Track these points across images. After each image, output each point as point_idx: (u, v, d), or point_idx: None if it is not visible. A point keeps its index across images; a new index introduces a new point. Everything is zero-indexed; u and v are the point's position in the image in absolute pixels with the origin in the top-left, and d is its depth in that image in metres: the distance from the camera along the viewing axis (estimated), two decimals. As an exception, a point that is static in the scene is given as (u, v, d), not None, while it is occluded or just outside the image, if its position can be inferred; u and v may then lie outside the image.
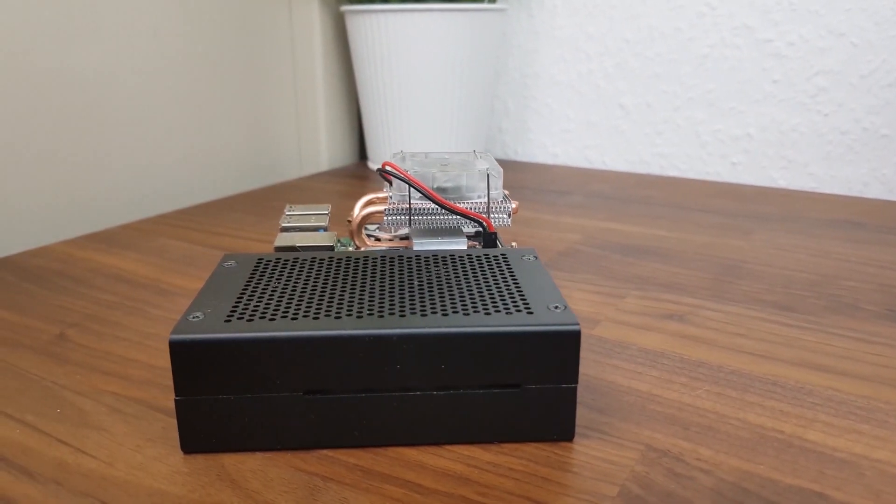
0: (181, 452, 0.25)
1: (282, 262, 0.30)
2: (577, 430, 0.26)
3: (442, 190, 0.35)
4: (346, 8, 0.68)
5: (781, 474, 0.24)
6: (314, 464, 0.24)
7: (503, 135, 0.79)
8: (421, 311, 0.25)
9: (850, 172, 0.63)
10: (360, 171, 0.73)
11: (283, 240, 0.35)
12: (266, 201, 0.60)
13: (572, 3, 0.71)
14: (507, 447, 0.25)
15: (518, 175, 0.70)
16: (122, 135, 0.56)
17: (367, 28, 0.66)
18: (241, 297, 0.27)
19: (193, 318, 0.25)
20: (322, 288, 0.27)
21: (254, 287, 0.28)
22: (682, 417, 0.27)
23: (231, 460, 0.25)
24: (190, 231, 0.51)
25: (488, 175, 0.35)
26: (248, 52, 0.66)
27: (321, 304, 0.26)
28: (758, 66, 0.64)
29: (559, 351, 0.24)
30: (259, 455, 0.25)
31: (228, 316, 0.25)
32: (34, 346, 0.33)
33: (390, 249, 0.32)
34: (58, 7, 0.51)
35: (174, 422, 0.27)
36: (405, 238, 0.37)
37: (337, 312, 0.25)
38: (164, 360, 0.32)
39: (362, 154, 0.80)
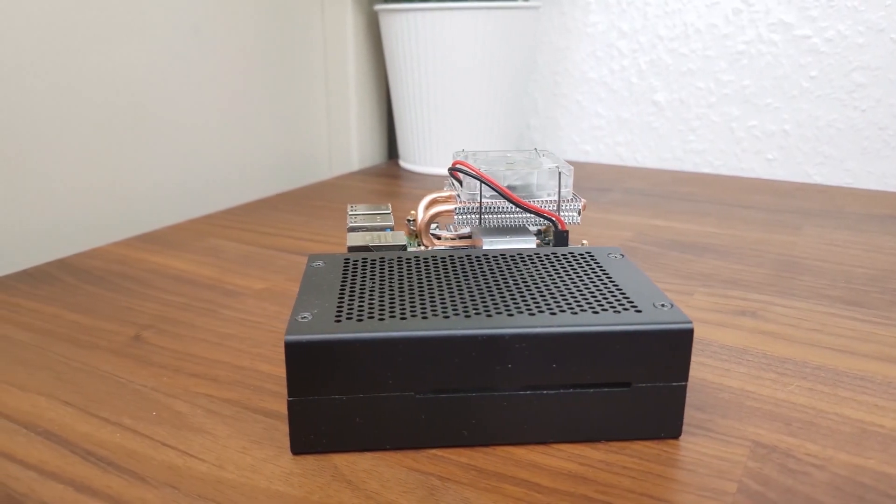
0: (289, 453, 0.25)
1: (370, 261, 0.30)
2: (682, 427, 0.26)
3: (512, 188, 0.35)
4: (379, 7, 0.67)
5: (894, 468, 0.24)
6: (426, 463, 0.24)
7: (532, 131, 0.79)
8: (528, 310, 0.25)
9: (886, 167, 0.63)
10: (391, 171, 0.73)
11: (355, 239, 0.35)
12: (306, 200, 0.60)
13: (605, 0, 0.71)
14: (615, 445, 0.25)
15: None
16: (162, 135, 0.56)
17: (400, 26, 0.65)
18: (343, 298, 0.26)
19: (302, 318, 0.25)
20: (419, 287, 0.27)
21: (351, 287, 0.28)
22: (781, 413, 0.27)
23: (342, 461, 0.24)
24: (240, 231, 0.51)
25: (560, 173, 0.35)
26: (281, 51, 0.66)
27: (423, 304, 0.26)
28: (795, 63, 0.64)
29: (671, 349, 0.24)
30: (368, 455, 0.25)
31: (337, 316, 0.25)
32: (112, 348, 0.33)
33: (474, 248, 0.32)
34: (102, 5, 0.50)
35: (274, 422, 0.27)
36: (467, 237, 0.37)
37: (444, 312, 0.25)
38: (249, 361, 0.32)
39: (390, 154, 0.80)
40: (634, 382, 0.25)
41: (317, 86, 0.71)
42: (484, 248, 0.33)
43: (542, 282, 0.28)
